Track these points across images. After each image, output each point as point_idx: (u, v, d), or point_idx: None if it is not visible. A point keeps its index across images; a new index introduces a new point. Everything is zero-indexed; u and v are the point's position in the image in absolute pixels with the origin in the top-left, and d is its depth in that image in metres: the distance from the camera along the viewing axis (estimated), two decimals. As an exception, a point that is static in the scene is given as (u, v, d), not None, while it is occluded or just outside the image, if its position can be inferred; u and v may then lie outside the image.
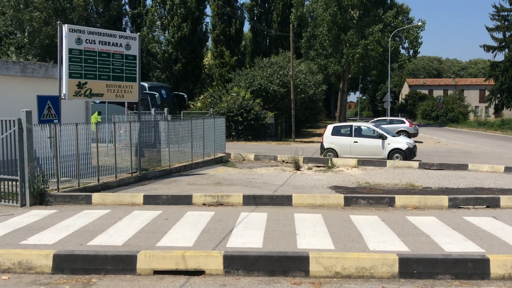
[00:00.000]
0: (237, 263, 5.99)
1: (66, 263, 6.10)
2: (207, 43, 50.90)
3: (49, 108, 11.59)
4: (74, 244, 7.12)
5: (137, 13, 45.95)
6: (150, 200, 10.25)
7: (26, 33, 35.64)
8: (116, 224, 8.41)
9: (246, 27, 67.41)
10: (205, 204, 10.16)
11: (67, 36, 11.76)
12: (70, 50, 11.86)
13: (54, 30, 31.01)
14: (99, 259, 6.09)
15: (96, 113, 25.33)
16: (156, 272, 6.00)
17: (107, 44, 12.74)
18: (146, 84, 27.52)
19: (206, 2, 47.58)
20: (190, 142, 16.43)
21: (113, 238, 7.43)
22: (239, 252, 6.21)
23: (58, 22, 12.02)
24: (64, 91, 11.83)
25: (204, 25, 47.97)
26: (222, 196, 10.30)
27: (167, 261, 6.02)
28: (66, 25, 11.94)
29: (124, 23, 46.31)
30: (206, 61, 53.35)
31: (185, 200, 10.25)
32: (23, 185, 10.01)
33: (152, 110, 25.98)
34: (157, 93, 27.32)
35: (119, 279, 5.89)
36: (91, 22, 39.00)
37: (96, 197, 10.35)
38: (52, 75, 13.40)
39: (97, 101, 26.46)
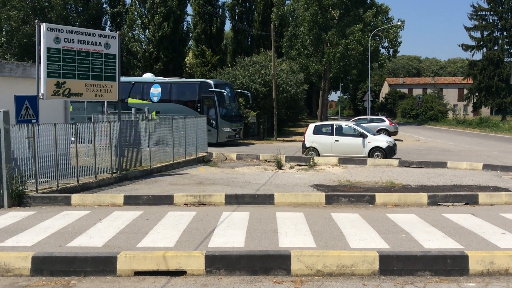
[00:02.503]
0: (219, 262, 5.97)
1: (45, 265, 6.01)
2: (189, 42, 50.69)
3: (27, 108, 11.41)
4: (53, 246, 7.02)
5: (117, 12, 45.54)
6: (130, 201, 10.16)
7: (3, 32, 35.05)
8: (96, 225, 8.32)
9: (228, 26, 67.36)
10: (187, 204, 10.11)
11: (45, 35, 11.60)
12: (48, 49, 11.69)
13: (32, 29, 30.53)
14: (79, 260, 6.01)
15: (154, 112, 24.86)
16: (137, 273, 5.95)
17: (86, 43, 12.59)
18: (211, 82, 25.94)
19: (187, 1, 47.37)
20: (171, 141, 16.34)
21: (93, 239, 7.35)
22: (220, 252, 6.19)
23: (36, 21, 11.85)
24: (42, 90, 11.67)
25: (185, 24, 47.76)
26: (204, 196, 10.27)
27: (148, 261, 5.97)
28: (44, 24, 11.77)
29: (103, 21, 45.88)
30: (188, 60, 53.11)
31: (167, 200, 10.19)
32: (0, 187, 9.84)
33: (217, 110, 24.95)
34: (225, 91, 25.76)
35: (99, 281, 5.82)
36: (70, 21, 38.52)
37: (75, 198, 10.22)
38: (30, 75, 13.17)
39: (155, 100, 25.96)
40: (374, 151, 18.16)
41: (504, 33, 61.50)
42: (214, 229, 7.98)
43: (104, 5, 45.19)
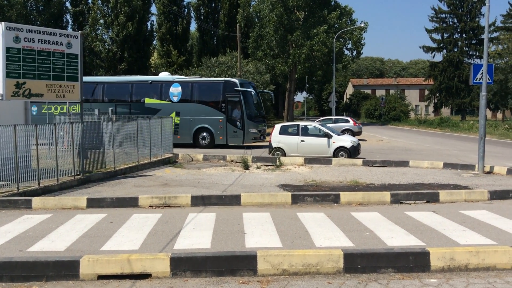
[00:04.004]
0: (185, 264, 5.93)
1: (4, 270, 5.82)
2: (153, 42, 50.18)
3: (-16, 109, 11.06)
4: (13, 251, 6.83)
5: (79, 11, 44.68)
6: (94, 203, 9.96)
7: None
8: (58, 228, 8.13)
9: (193, 26, 67.07)
10: (152, 206, 10.00)
11: (4, 35, 11.26)
12: (8, 49, 11.35)
13: (-10, 27, 29.58)
14: (40, 265, 5.85)
15: (174, 113, 24.11)
16: (101, 277, 5.83)
17: (47, 42, 12.29)
18: (237, 81, 24.76)
19: (152, 0, 46.86)
20: (136, 143, 16.11)
21: (55, 244, 7.18)
22: (186, 254, 6.15)
23: (-7, 19, 11.49)
24: (1, 91, 11.31)
25: (149, 24, 47.26)
26: (169, 197, 10.17)
27: (111, 265, 5.87)
28: (3, 23, 11.43)
29: (65, 21, 44.94)
30: (153, 60, 52.55)
31: (131, 202, 10.05)
32: (-44, 191, 9.49)
33: (243, 110, 23.74)
34: (252, 90, 24.75)
35: (61, 286, 5.68)
36: (31, 20, 37.59)
37: (36, 201, 9.95)
38: (-13, 75, 12.76)
39: (175, 100, 24.91)
40: (339, 151, 18.41)
41: (464, 35, 63.52)
42: (180, 231, 7.92)
43: (66, 4, 44.27)
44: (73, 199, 10.16)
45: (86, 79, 28.39)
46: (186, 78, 26.42)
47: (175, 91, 24.94)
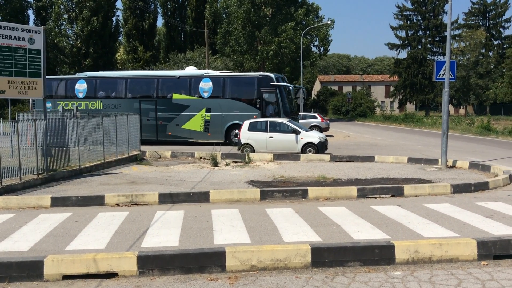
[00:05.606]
0: (152, 263, 5.87)
1: (-36, 273, 5.65)
2: (119, 38, 49.40)
3: None
4: (-27, 253, 6.62)
5: (42, 6, 43.55)
6: (58, 202, 9.76)
7: None
8: (21, 228, 7.92)
9: (160, 21, 66.27)
10: (119, 204, 9.86)
11: (-39, 28, 10.89)
12: (-35, 44, 11.00)
13: None
14: (3, 266, 5.69)
15: (204, 109, 23.21)
16: (66, 277, 5.72)
17: (8, 37, 11.95)
18: (272, 75, 23.59)
19: (117, -5, 46.08)
20: (101, 140, 15.83)
21: (18, 244, 7.00)
22: (154, 252, 6.09)
23: (-50, 13, 11.09)
24: (-41, 88, 10.96)
25: (115, 19, 46.49)
26: (136, 195, 10.05)
27: (77, 265, 5.76)
28: (-41, 16, 11.05)
29: (27, 16, 43.76)
30: (119, 56, 51.74)
31: (97, 201, 9.88)
32: None
33: (279, 106, 22.59)
34: (289, 85, 23.79)
35: (25, 287, 5.55)
36: (-10, 14, 36.39)
37: (-2, 201, 9.67)
38: None
39: (205, 96, 23.68)
40: (306, 147, 18.56)
41: (427, 32, 64.99)
42: (148, 229, 7.84)
43: (28, -2, 43.13)
44: (36, 198, 9.92)
45: (106, 74, 27.50)
46: (217, 73, 25.36)
47: (206, 86, 23.86)
